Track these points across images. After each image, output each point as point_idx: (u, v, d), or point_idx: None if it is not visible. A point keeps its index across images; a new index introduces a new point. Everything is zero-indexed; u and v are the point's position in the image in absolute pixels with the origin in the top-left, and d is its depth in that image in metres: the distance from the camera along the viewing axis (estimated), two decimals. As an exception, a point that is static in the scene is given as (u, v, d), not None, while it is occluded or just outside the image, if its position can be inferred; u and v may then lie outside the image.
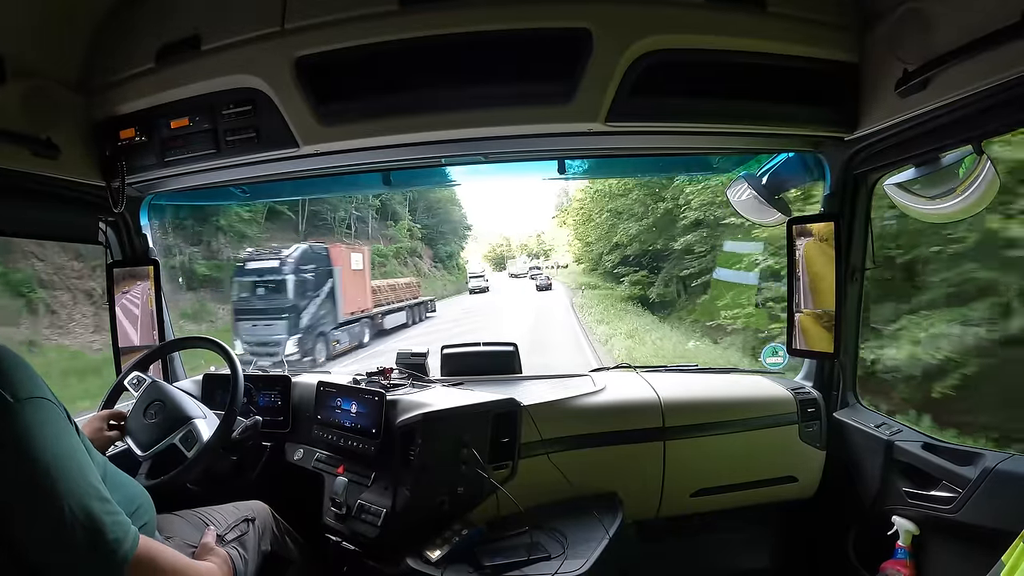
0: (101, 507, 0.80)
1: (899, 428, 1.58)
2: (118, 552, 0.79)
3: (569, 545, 1.38)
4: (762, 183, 1.84)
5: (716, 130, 1.45)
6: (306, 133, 1.36)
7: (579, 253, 27.75)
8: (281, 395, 1.79)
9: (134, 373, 1.49)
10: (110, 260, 1.83)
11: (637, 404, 1.72)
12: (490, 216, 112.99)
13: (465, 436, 1.47)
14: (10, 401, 0.77)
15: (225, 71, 1.35)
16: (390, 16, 1.25)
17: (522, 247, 73.17)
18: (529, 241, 73.03)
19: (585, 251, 25.28)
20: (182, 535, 1.19)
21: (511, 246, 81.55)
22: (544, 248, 68.74)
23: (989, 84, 1.04)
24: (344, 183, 2.08)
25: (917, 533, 1.42)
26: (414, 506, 1.41)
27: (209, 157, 1.47)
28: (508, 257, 75.10)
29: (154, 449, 1.36)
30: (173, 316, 2.03)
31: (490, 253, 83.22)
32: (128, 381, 1.48)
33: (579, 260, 28.63)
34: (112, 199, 1.54)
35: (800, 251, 1.66)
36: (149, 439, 1.37)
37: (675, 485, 1.70)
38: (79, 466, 0.82)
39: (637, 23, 1.24)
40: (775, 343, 2.02)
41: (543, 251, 68.14)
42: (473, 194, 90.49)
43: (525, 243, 74.26)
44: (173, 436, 1.36)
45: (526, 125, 1.37)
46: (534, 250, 70.24)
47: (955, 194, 1.28)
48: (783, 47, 1.30)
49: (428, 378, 1.86)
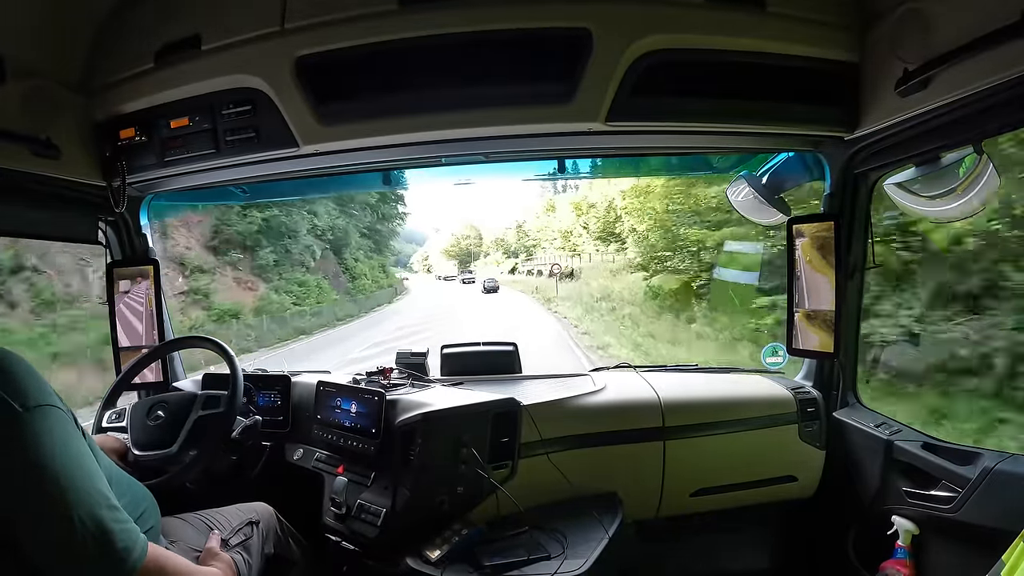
0: (110, 515, 0.80)
1: (899, 428, 1.58)
2: (127, 561, 0.79)
3: (569, 545, 1.38)
4: (762, 183, 1.84)
5: (716, 130, 1.45)
6: (306, 133, 1.36)
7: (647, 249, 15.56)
8: (281, 395, 1.79)
9: (109, 412, 1.50)
10: (110, 260, 1.84)
11: (637, 404, 1.72)
12: (455, 206, 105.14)
13: (465, 436, 1.47)
14: (19, 410, 0.77)
15: (225, 71, 1.35)
16: (390, 16, 1.25)
17: (497, 242, 63.83)
18: (506, 235, 61.62)
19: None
20: (187, 539, 1.19)
21: (481, 241, 70.89)
22: (527, 244, 52.39)
23: (989, 84, 1.04)
24: (344, 183, 2.08)
25: (917, 533, 1.42)
26: (414, 506, 1.41)
27: (209, 157, 1.47)
28: (481, 253, 66.15)
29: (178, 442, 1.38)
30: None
31: (453, 249, 73.37)
32: (107, 420, 1.49)
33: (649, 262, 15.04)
34: (113, 199, 1.54)
35: (800, 251, 1.66)
36: (150, 440, 1.38)
37: (675, 485, 1.70)
38: (88, 474, 0.82)
39: (637, 23, 1.24)
40: (775, 343, 2.02)
41: (524, 247, 52.69)
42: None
43: (501, 237, 63.54)
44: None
45: (526, 125, 1.37)
46: (512, 247, 57.68)
47: (955, 194, 1.28)
48: (783, 47, 1.30)
49: (428, 378, 1.86)
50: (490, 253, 62.07)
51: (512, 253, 57.81)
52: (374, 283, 28.77)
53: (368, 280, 27.73)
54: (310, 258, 21.37)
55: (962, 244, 4.23)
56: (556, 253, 37.02)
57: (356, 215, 27.51)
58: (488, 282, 34.96)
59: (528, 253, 51.28)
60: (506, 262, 55.28)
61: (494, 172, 1.94)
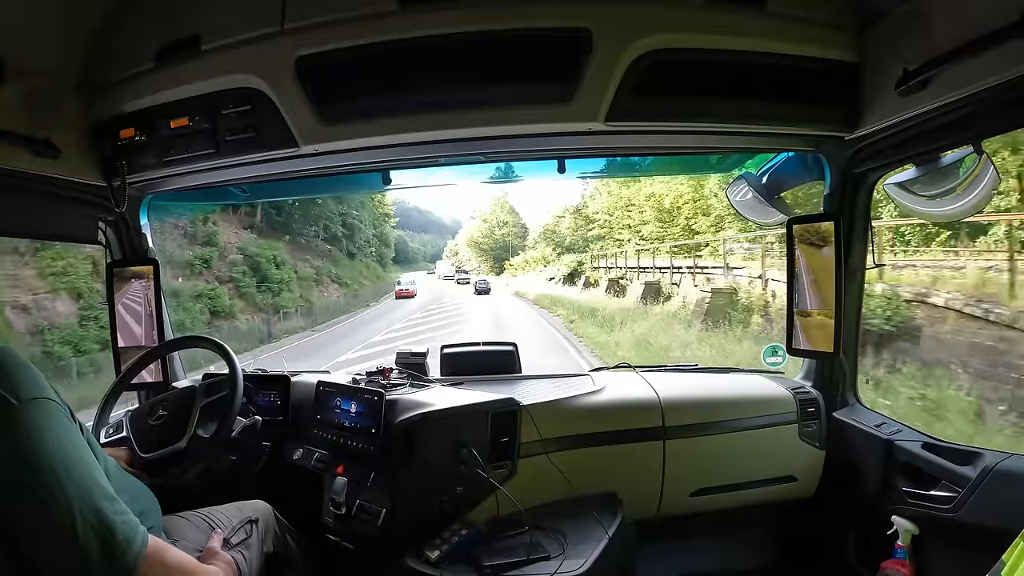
0: (110, 507, 0.80)
1: (899, 428, 1.58)
2: (128, 552, 0.79)
3: (569, 545, 1.38)
4: (762, 183, 1.84)
5: (716, 129, 1.45)
6: (306, 133, 1.36)
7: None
8: (280, 395, 1.79)
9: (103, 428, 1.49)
10: (109, 260, 1.84)
11: (637, 404, 1.72)
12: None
13: (464, 436, 1.47)
14: (13, 403, 0.77)
15: (225, 71, 1.35)
16: (390, 16, 1.25)
17: (544, 233, 43.23)
18: (557, 223, 41.92)
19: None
20: (188, 538, 1.19)
21: (526, 231, 52.88)
22: (586, 235, 32.95)
23: (989, 84, 1.04)
24: (344, 183, 2.08)
25: (917, 533, 1.42)
26: (414, 506, 1.41)
27: (209, 157, 1.47)
28: (523, 247, 48.38)
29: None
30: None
31: (485, 240, 55.25)
32: (104, 436, 1.47)
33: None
34: (114, 199, 1.54)
35: (800, 250, 1.66)
36: (157, 439, 1.39)
37: (675, 485, 1.70)
38: (85, 466, 0.81)
39: (637, 23, 1.24)
40: (775, 343, 2.01)
41: (584, 240, 33.15)
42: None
43: (551, 226, 42.60)
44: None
45: (526, 125, 1.37)
46: (565, 239, 38.59)
47: (955, 194, 1.28)
48: (783, 46, 1.30)
49: (427, 378, 1.85)
50: (536, 247, 43.92)
51: (568, 247, 36.71)
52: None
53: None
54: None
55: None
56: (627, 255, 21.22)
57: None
58: (480, 283, 33.84)
59: (593, 247, 29.99)
60: (555, 263, 33.50)
61: (494, 172, 1.94)
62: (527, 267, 41.35)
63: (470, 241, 59.00)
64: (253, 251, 21.15)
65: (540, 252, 40.57)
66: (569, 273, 27.64)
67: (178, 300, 15.78)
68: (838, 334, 1.58)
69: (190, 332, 5.35)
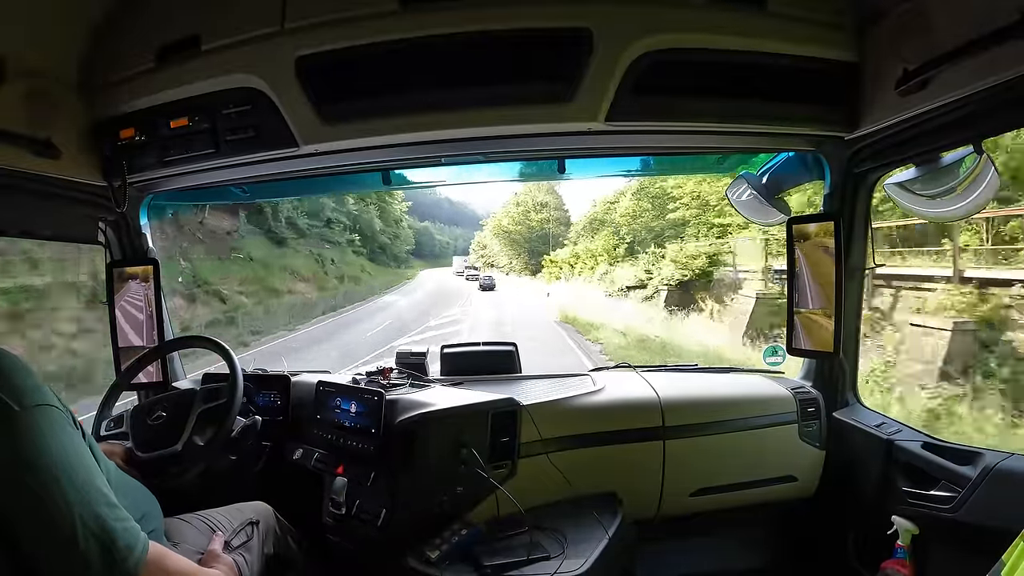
0: (111, 513, 0.80)
1: (899, 428, 1.57)
2: (129, 559, 0.79)
3: (569, 545, 1.38)
4: (762, 182, 1.84)
5: (716, 129, 1.45)
6: (306, 133, 1.36)
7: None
8: (280, 395, 1.79)
9: (105, 420, 1.49)
10: (109, 260, 1.84)
11: (637, 404, 1.72)
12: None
13: (464, 436, 1.47)
14: (15, 409, 0.77)
15: (225, 71, 1.35)
16: (390, 16, 1.25)
17: (589, 222, 31.34)
18: (605, 211, 28.87)
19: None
20: (189, 541, 1.19)
21: (568, 216, 40.60)
22: (652, 226, 21.74)
23: (989, 84, 1.04)
24: (344, 182, 2.08)
25: (917, 532, 1.42)
26: (414, 506, 1.41)
27: (209, 157, 1.47)
28: (565, 239, 35.83)
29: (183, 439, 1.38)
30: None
31: (517, 229, 41.39)
32: (105, 428, 1.47)
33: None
34: (115, 199, 1.54)
35: (800, 250, 1.66)
36: (154, 440, 1.38)
37: (675, 485, 1.70)
38: (87, 472, 0.81)
39: (638, 23, 1.24)
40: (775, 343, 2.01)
41: (650, 231, 21.76)
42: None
43: (602, 214, 29.48)
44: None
45: (526, 125, 1.37)
46: (620, 229, 24.15)
47: (955, 194, 1.28)
48: (783, 46, 1.30)
49: (427, 378, 1.85)
50: (578, 240, 31.24)
51: (628, 245, 24.37)
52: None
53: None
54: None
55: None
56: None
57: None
58: (485, 279, 32.32)
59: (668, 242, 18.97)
60: (619, 263, 22.59)
61: (494, 172, 1.94)
62: (578, 265, 27.59)
63: (497, 229, 43.47)
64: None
65: (601, 243, 25.81)
66: (638, 283, 18.13)
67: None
68: (838, 334, 1.58)
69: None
